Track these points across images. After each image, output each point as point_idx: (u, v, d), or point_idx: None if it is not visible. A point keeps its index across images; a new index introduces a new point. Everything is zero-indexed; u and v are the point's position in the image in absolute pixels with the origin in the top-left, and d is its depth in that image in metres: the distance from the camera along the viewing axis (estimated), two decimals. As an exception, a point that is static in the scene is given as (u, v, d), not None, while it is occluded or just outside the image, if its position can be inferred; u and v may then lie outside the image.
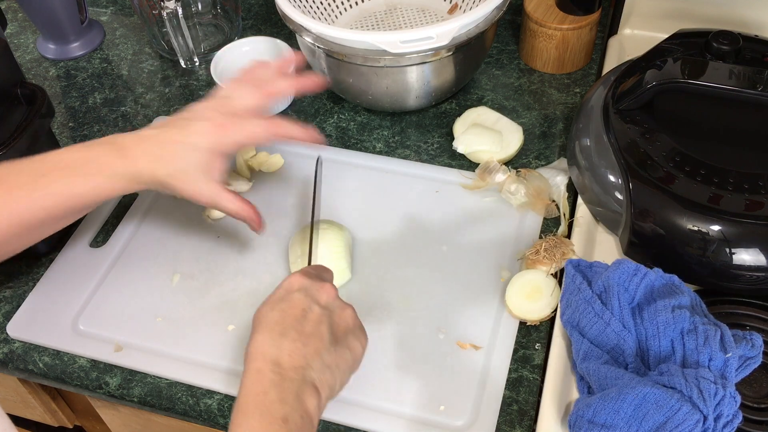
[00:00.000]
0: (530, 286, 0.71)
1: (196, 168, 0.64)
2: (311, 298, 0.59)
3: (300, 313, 0.58)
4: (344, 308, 0.61)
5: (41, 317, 0.75)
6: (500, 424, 0.66)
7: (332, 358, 0.57)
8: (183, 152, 0.63)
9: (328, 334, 0.58)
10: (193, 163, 0.63)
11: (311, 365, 0.55)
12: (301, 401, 0.53)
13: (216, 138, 0.64)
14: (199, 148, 0.63)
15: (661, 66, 0.73)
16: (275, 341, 0.56)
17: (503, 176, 0.80)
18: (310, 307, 0.58)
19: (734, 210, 0.66)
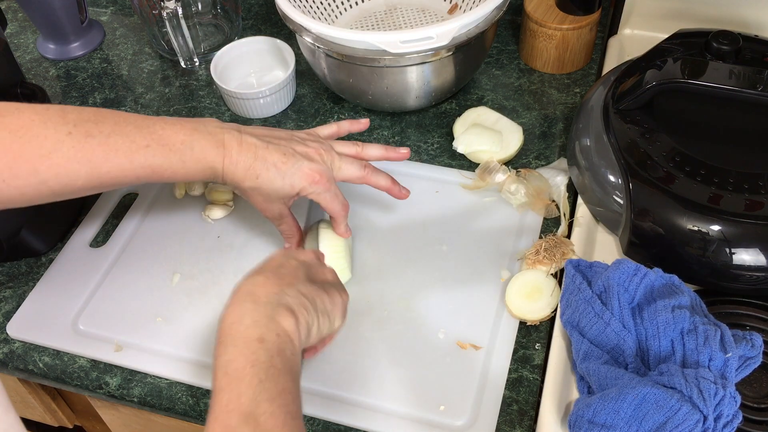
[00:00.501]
0: (530, 286, 0.71)
1: (278, 196, 0.68)
2: (290, 256, 0.62)
3: (277, 264, 0.60)
4: (324, 267, 0.63)
5: (41, 317, 0.75)
6: (500, 424, 0.66)
7: (307, 290, 0.58)
8: (275, 178, 0.67)
9: (303, 275, 0.60)
10: (278, 192, 0.68)
11: (285, 292, 0.57)
12: (275, 321, 0.54)
13: (306, 184, 0.68)
14: (289, 183, 0.67)
15: (661, 66, 0.73)
16: (250, 279, 0.58)
17: (503, 176, 0.80)
18: (287, 260, 0.61)
19: (734, 210, 0.66)
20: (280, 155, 0.67)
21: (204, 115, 0.95)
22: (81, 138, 0.62)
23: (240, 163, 0.66)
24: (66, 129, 0.61)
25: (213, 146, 0.66)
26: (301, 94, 0.96)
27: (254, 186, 0.67)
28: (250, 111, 0.92)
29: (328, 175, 0.69)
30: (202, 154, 0.65)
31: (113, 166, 0.63)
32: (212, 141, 0.66)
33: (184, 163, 0.65)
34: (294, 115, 0.94)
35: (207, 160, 0.65)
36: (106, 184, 0.64)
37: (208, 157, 0.65)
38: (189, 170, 0.65)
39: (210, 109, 0.96)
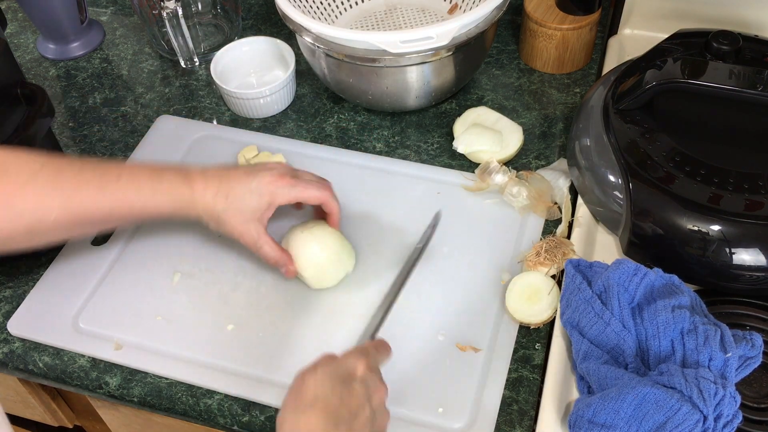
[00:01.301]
0: (530, 289, 0.71)
1: (252, 211, 0.70)
2: (368, 396, 0.58)
3: (355, 409, 0.56)
4: (384, 415, 0.60)
5: (42, 315, 0.75)
6: (500, 423, 0.66)
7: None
8: (244, 193, 0.69)
9: None
10: (250, 206, 0.70)
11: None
12: None
13: (275, 188, 0.70)
14: (259, 193, 0.70)
15: (661, 66, 0.73)
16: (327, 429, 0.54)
17: (503, 177, 0.80)
18: (364, 406, 0.57)
19: (734, 210, 0.66)
20: (243, 173, 0.71)
21: (204, 114, 0.95)
22: (54, 171, 0.64)
23: (208, 189, 0.69)
24: (39, 163, 0.64)
25: (180, 178, 0.69)
26: (301, 94, 0.96)
27: (226, 206, 0.69)
28: (250, 111, 0.92)
29: (291, 173, 0.72)
30: (171, 185, 0.68)
31: (85, 198, 0.65)
32: (179, 174, 0.69)
33: (155, 194, 0.68)
34: (294, 115, 0.94)
35: (177, 192, 0.68)
36: (79, 219, 0.65)
37: (177, 188, 0.68)
38: (159, 203, 0.68)
39: (210, 109, 0.96)
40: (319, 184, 0.74)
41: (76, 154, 0.92)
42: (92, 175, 0.66)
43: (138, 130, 0.94)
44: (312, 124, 0.92)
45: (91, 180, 0.65)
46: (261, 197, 0.70)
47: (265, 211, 0.71)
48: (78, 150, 0.92)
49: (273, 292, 0.76)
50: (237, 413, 0.69)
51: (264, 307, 0.74)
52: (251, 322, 0.73)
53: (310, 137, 0.91)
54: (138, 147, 0.91)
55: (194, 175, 0.69)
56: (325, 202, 0.73)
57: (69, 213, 0.64)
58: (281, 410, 0.56)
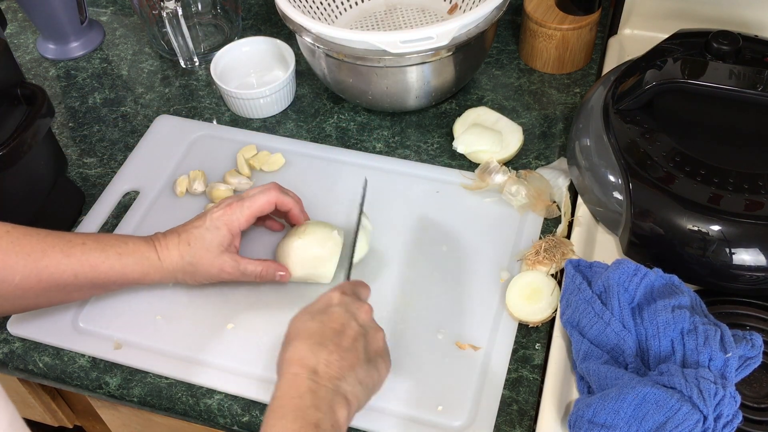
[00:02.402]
0: (530, 287, 0.71)
1: (217, 245, 0.71)
2: (350, 314, 0.61)
3: (339, 327, 0.60)
4: (377, 330, 0.63)
5: (42, 314, 0.75)
6: (500, 423, 0.66)
7: (364, 374, 0.59)
8: (203, 234, 0.71)
9: (362, 351, 0.60)
10: (214, 242, 0.71)
11: (345, 378, 0.57)
12: (333, 411, 0.55)
13: (227, 216, 0.72)
14: (215, 227, 0.71)
15: (661, 66, 0.73)
16: (313, 350, 0.57)
17: (503, 177, 0.80)
18: (348, 323, 0.60)
19: (734, 210, 0.66)
20: (195, 219, 0.73)
21: (204, 115, 0.95)
22: (19, 236, 0.65)
23: (170, 245, 0.70)
24: (4, 228, 0.65)
25: (143, 241, 0.70)
26: (301, 94, 0.96)
27: (192, 252, 0.70)
28: (250, 111, 0.92)
29: (237, 198, 0.73)
30: (135, 246, 0.69)
31: (51, 261, 0.65)
32: (142, 239, 0.71)
33: (120, 256, 0.68)
34: (294, 115, 0.94)
35: (141, 252, 0.69)
36: (45, 283, 0.65)
37: (141, 248, 0.69)
38: (126, 264, 0.68)
39: (210, 109, 0.96)
40: (263, 190, 0.74)
41: (76, 154, 0.92)
42: (58, 241, 0.66)
43: (138, 130, 0.94)
44: (312, 124, 0.92)
45: (56, 245, 0.66)
46: (219, 230, 0.71)
47: (231, 241, 0.72)
48: (78, 150, 0.92)
49: (272, 291, 0.76)
50: (237, 413, 0.68)
51: (264, 306, 0.74)
52: (251, 321, 0.73)
53: (310, 137, 0.91)
54: (137, 146, 0.91)
55: (155, 239, 0.71)
56: (277, 201, 0.74)
57: (34, 277, 0.64)
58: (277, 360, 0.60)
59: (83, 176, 0.90)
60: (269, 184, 0.75)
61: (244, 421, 0.68)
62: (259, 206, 0.73)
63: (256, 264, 0.72)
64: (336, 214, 0.81)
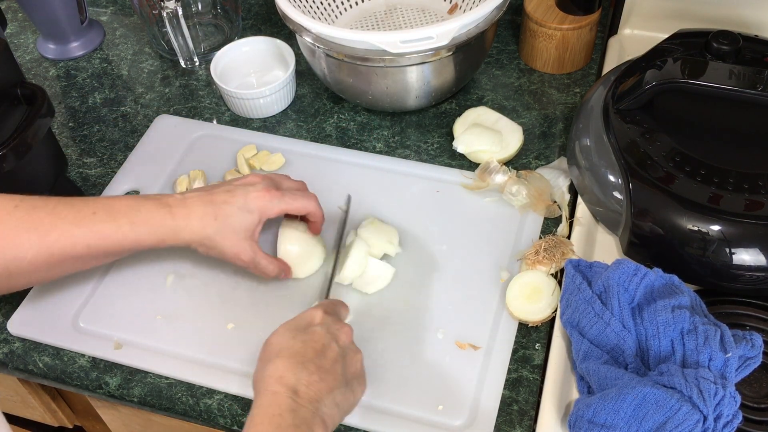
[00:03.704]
0: (530, 287, 0.71)
1: (244, 229, 0.68)
2: (332, 336, 0.61)
3: (320, 348, 0.59)
4: (356, 352, 0.63)
5: (42, 315, 0.75)
6: (500, 423, 0.66)
7: (341, 397, 0.59)
8: (234, 212, 0.68)
9: (341, 374, 0.60)
10: (242, 224, 0.68)
11: (323, 400, 0.57)
12: None
13: (264, 203, 0.69)
14: (249, 210, 0.68)
15: (661, 66, 0.73)
16: (294, 370, 0.57)
17: (503, 177, 0.80)
18: (329, 344, 0.60)
19: (734, 210, 0.66)
20: (226, 193, 0.69)
21: (204, 115, 0.95)
22: (28, 209, 0.63)
23: (192, 215, 0.67)
24: (13, 203, 0.63)
25: (158, 207, 0.67)
26: (301, 94, 0.96)
27: (216, 229, 0.67)
28: (250, 111, 0.92)
29: (275, 185, 0.71)
30: (149, 215, 0.66)
31: (61, 234, 0.63)
32: (156, 203, 0.67)
33: (133, 225, 0.65)
34: (294, 115, 0.94)
35: (156, 222, 0.66)
36: (57, 256, 0.64)
37: (155, 218, 0.66)
38: (139, 235, 0.66)
39: (210, 109, 0.96)
40: (305, 194, 0.73)
41: (76, 154, 0.92)
42: (67, 212, 0.64)
43: (138, 130, 0.94)
44: (312, 124, 0.92)
45: (66, 216, 0.64)
46: (251, 214, 0.68)
47: (257, 227, 0.70)
48: (78, 150, 0.92)
49: (272, 290, 0.76)
50: (237, 413, 0.68)
51: (264, 306, 0.74)
52: (251, 320, 0.73)
53: (310, 137, 0.91)
54: (137, 146, 0.91)
55: (173, 203, 0.68)
56: (312, 211, 0.73)
57: (45, 251, 0.63)
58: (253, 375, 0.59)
59: (83, 176, 0.90)
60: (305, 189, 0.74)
61: (244, 421, 0.68)
62: (296, 207, 0.72)
63: (270, 261, 0.71)
64: (336, 213, 0.81)
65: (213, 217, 0.67)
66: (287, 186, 0.73)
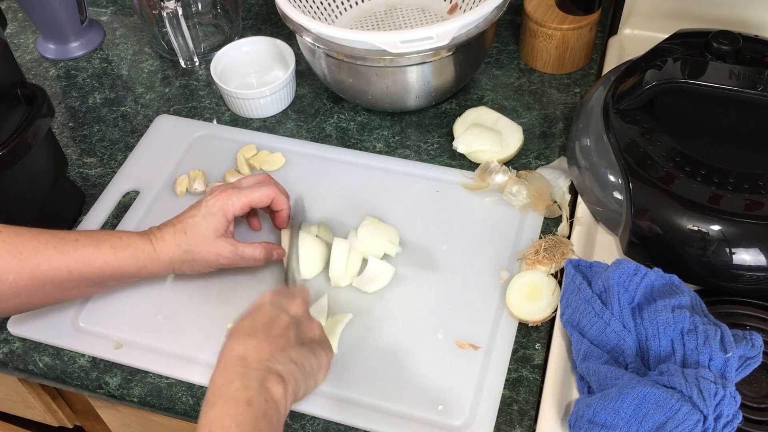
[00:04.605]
0: (530, 287, 0.71)
1: (213, 231, 0.71)
2: (281, 309, 0.63)
3: (269, 320, 0.61)
4: (311, 321, 0.64)
5: (42, 314, 0.75)
6: (500, 423, 0.66)
7: (297, 355, 0.60)
8: (199, 221, 0.71)
9: (294, 336, 0.61)
10: (210, 228, 0.71)
11: (276, 358, 0.58)
12: (265, 387, 0.55)
13: (223, 202, 0.71)
14: (209, 215, 0.71)
15: (661, 66, 0.73)
16: (242, 341, 0.58)
17: (503, 177, 0.80)
18: (278, 315, 0.62)
19: (734, 210, 0.66)
20: (189, 208, 0.73)
21: (204, 115, 0.95)
22: (11, 234, 0.65)
23: (166, 236, 0.70)
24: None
25: (138, 235, 0.70)
26: (301, 94, 0.96)
27: (189, 240, 0.70)
28: (250, 111, 0.92)
29: (232, 185, 0.74)
30: (129, 240, 0.69)
31: (44, 258, 0.65)
32: (136, 233, 0.71)
33: (115, 250, 0.68)
34: (294, 115, 0.94)
35: (135, 245, 0.69)
36: (38, 281, 0.65)
37: (136, 242, 0.69)
38: (120, 258, 0.68)
39: (210, 109, 0.96)
40: (264, 184, 0.74)
41: (76, 154, 0.92)
42: (50, 238, 0.66)
43: (138, 130, 0.94)
44: (312, 124, 0.92)
45: (48, 241, 0.65)
46: (214, 216, 0.71)
47: (227, 226, 0.72)
48: (78, 150, 0.92)
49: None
50: (237, 413, 0.68)
51: (264, 307, 0.74)
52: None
53: (310, 137, 0.91)
54: (137, 146, 0.91)
55: (150, 232, 0.71)
56: (276, 198, 0.74)
57: (27, 275, 0.64)
58: None
59: (83, 176, 0.90)
60: (265, 176, 0.76)
61: (244, 421, 0.68)
62: (258, 197, 0.73)
63: (254, 247, 0.73)
64: (336, 213, 0.81)
65: (182, 232, 0.70)
66: (246, 183, 0.75)
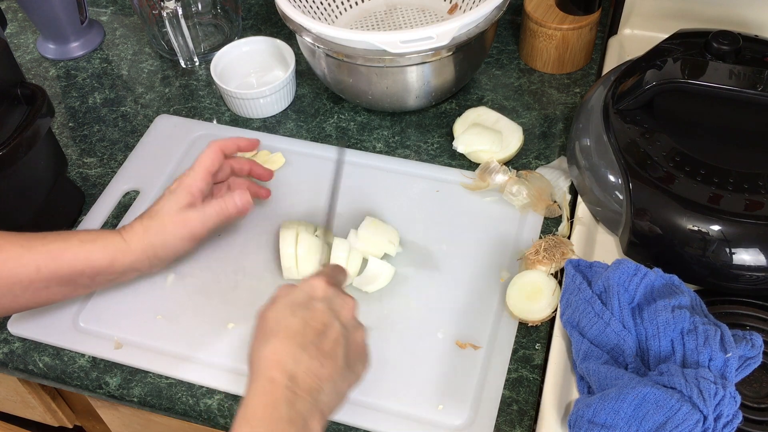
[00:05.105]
0: (530, 287, 0.71)
1: (177, 207, 0.70)
2: (333, 313, 0.58)
3: (321, 328, 0.56)
4: (358, 328, 0.60)
5: (42, 314, 0.75)
6: (500, 423, 0.66)
7: (341, 382, 0.56)
8: (163, 203, 0.70)
9: (342, 357, 0.57)
10: (173, 206, 0.70)
11: (323, 389, 0.54)
12: (307, 426, 0.53)
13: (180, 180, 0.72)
14: (172, 192, 0.71)
15: (661, 66, 0.73)
16: (294, 353, 0.54)
17: (503, 177, 0.80)
18: (331, 323, 0.57)
19: (734, 210, 0.66)
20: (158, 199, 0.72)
21: (204, 115, 0.95)
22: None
23: (134, 225, 0.69)
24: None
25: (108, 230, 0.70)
26: (301, 94, 0.96)
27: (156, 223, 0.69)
28: (250, 111, 0.92)
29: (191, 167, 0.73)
30: (98, 234, 0.68)
31: (10, 255, 0.64)
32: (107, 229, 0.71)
33: (83, 243, 0.66)
34: (294, 115, 0.94)
35: (104, 237, 0.68)
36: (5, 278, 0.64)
37: (104, 235, 0.68)
38: (90, 250, 0.67)
39: (210, 109, 0.96)
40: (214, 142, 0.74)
41: (76, 154, 0.92)
42: (16, 237, 0.65)
43: (138, 130, 0.94)
44: (312, 124, 0.92)
45: (15, 240, 0.64)
46: (174, 193, 0.70)
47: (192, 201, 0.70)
48: (78, 150, 0.92)
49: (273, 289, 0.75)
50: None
51: (264, 307, 0.74)
52: (251, 320, 0.73)
53: (310, 137, 0.91)
54: (137, 146, 0.91)
55: (121, 228, 0.70)
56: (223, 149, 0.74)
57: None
58: (249, 350, 0.57)
59: (83, 176, 0.90)
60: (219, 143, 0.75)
61: (244, 421, 0.68)
62: (207, 161, 0.73)
63: (226, 200, 0.71)
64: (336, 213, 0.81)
65: (148, 218, 0.70)
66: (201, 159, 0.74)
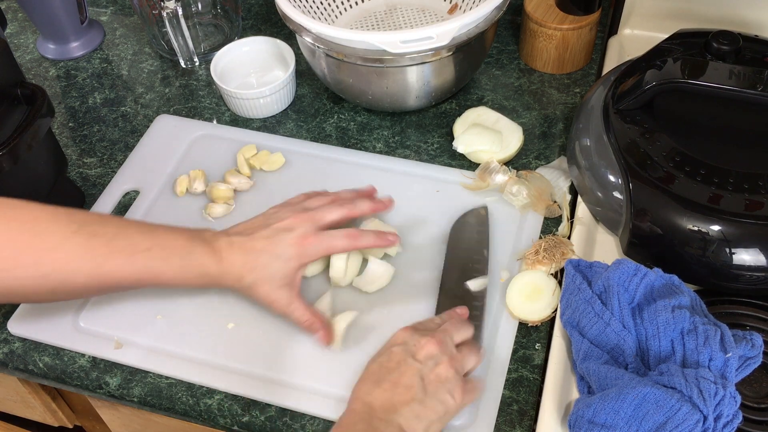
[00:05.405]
0: (530, 287, 0.71)
1: (280, 277, 0.68)
2: (408, 353, 0.62)
3: (395, 366, 0.61)
4: (439, 363, 0.62)
5: (42, 314, 0.75)
6: (500, 424, 0.66)
7: (422, 409, 0.59)
8: (269, 261, 0.68)
9: (419, 386, 0.60)
10: (278, 273, 0.68)
11: (400, 411, 0.58)
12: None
13: (300, 250, 0.68)
14: (283, 258, 0.68)
15: (661, 66, 0.73)
16: (369, 389, 0.60)
17: (504, 177, 0.80)
18: (404, 361, 0.61)
19: (734, 210, 0.66)
20: (264, 240, 0.68)
21: (204, 115, 0.95)
22: (87, 236, 0.64)
23: (235, 263, 0.68)
24: (73, 227, 0.64)
25: (209, 253, 0.67)
26: (301, 94, 0.96)
27: (253, 279, 0.68)
28: (250, 111, 0.92)
29: (314, 230, 0.69)
30: (199, 260, 0.67)
31: (114, 266, 0.64)
32: (208, 248, 0.68)
33: (183, 268, 0.67)
34: (294, 115, 0.94)
35: (203, 266, 0.67)
36: (106, 284, 0.65)
37: (204, 263, 0.67)
38: (186, 276, 0.67)
39: (210, 109, 0.96)
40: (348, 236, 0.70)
41: (76, 154, 0.92)
42: (124, 244, 0.65)
43: (138, 130, 0.94)
44: (312, 124, 0.92)
45: (123, 249, 0.65)
46: (288, 262, 0.68)
47: (296, 273, 0.69)
48: (78, 150, 0.92)
49: (273, 291, 0.76)
50: (237, 413, 0.69)
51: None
52: (252, 320, 0.73)
53: (310, 137, 0.91)
54: (137, 146, 0.91)
55: (222, 247, 0.68)
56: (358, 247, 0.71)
57: (97, 278, 0.64)
58: None
59: (83, 176, 0.90)
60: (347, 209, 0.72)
61: (244, 421, 0.68)
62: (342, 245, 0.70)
63: (304, 313, 0.69)
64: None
65: (251, 268, 0.68)
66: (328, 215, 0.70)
